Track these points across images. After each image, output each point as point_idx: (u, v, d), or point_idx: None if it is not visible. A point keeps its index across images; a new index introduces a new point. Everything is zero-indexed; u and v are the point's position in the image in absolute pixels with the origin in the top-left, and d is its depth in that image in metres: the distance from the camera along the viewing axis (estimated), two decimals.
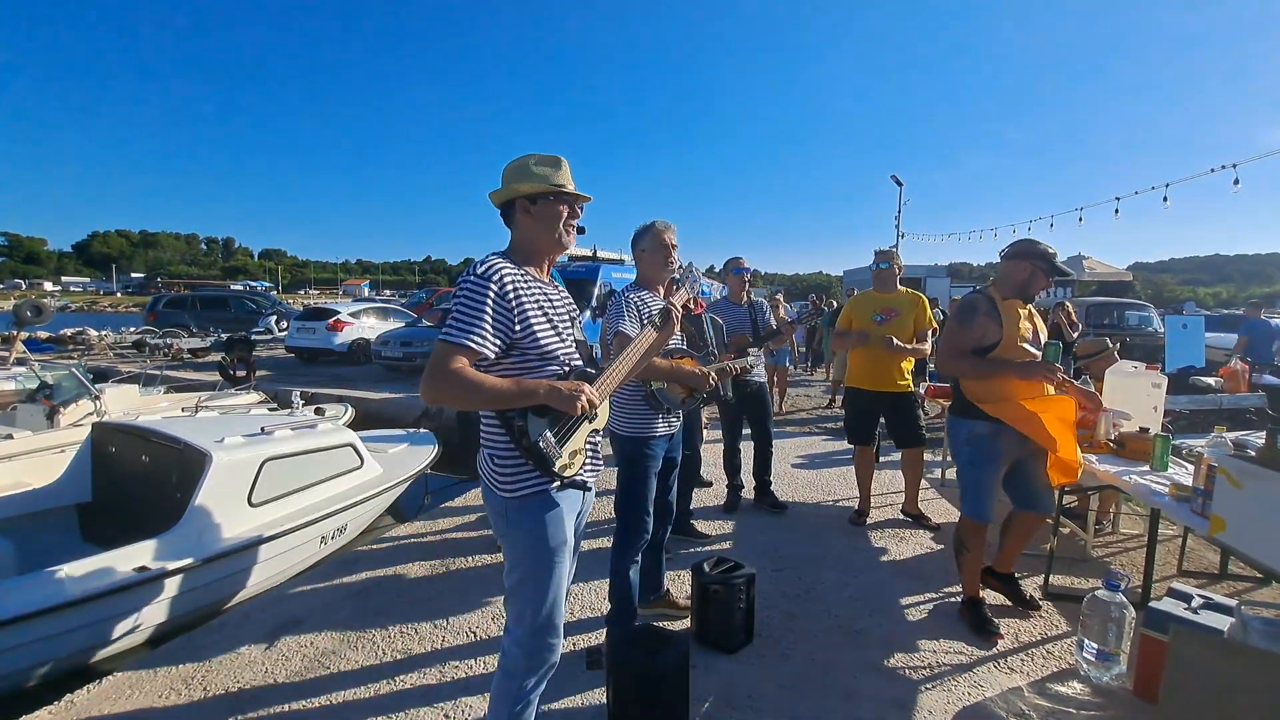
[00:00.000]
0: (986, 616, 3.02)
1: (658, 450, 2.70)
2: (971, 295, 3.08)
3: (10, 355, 8.02)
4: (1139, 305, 14.76)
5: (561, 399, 1.66)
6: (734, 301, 4.62)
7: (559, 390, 1.66)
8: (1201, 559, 3.93)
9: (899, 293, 4.34)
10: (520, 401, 1.65)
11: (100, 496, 4.51)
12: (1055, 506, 3.11)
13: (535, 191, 1.80)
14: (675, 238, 2.73)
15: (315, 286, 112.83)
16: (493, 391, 1.62)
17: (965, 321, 2.95)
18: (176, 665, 2.73)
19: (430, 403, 1.66)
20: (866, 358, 4.28)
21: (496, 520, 1.80)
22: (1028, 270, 2.91)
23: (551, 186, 1.80)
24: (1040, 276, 2.92)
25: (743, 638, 2.84)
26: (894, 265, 4.34)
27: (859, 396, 4.37)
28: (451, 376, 1.59)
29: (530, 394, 1.65)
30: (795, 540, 4.13)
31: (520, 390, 1.64)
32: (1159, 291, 66.22)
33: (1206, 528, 2.41)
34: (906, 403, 4.28)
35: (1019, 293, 2.95)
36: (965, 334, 2.93)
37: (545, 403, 1.66)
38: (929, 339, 4.30)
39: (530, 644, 1.79)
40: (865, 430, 4.39)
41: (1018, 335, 2.89)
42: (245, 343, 11.42)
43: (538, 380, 1.68)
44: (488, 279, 1.67)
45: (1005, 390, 2.89)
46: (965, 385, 3.03)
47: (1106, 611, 2.59)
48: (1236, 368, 7.52)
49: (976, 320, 2.92)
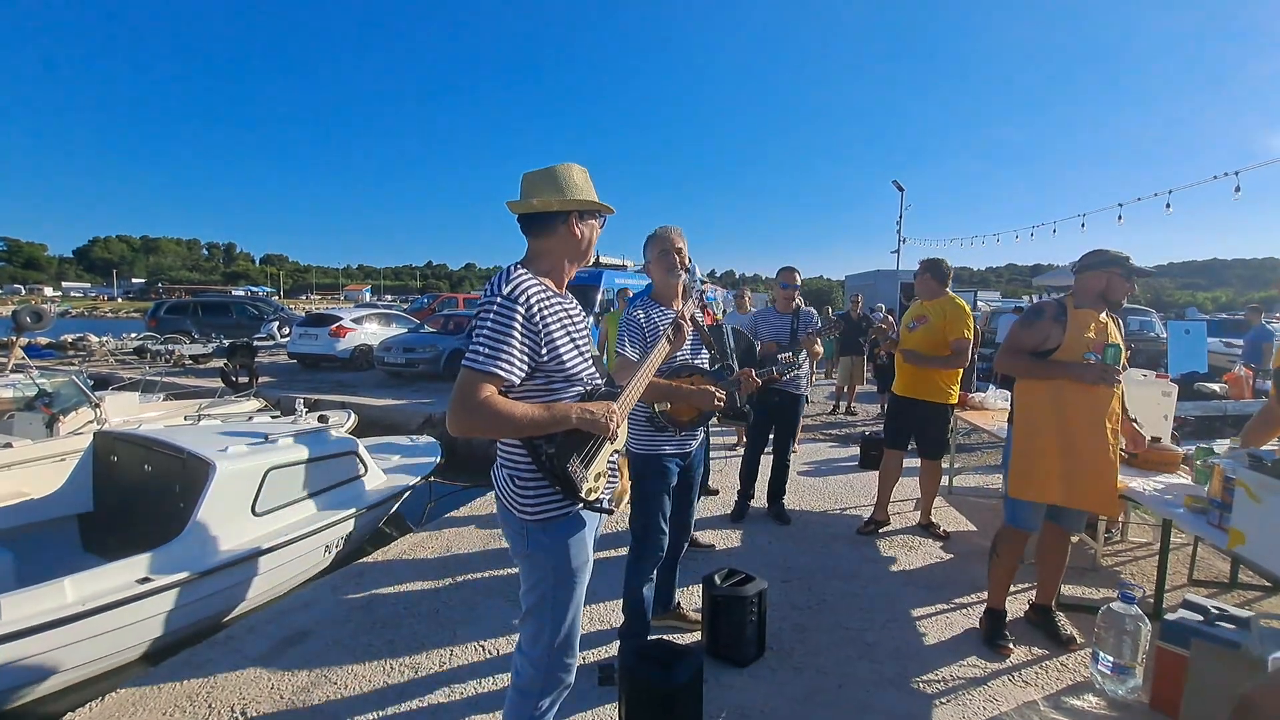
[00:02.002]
0: (1002, 632, 2.98)
1: (671, 467, 2.65)
2: (1044, 300, 3.03)
3: (9, 361, 7.98)
4: (1140, 310, 14.74)
5: (593, 423, 1.62)
6: (780, 310, 4.53)
7: (591, 413, 1.62)
8: (1211, 567, 3.90)
9: (939, 300, 4.21)
10: (554, 429, 1.59)
11: (102, 506, 4.47)
12: (1082, 527, 3.04)
13: (588, 208, 1.76)
14: (682, 241, 2.65)
15: (317, 291, 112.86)
16: (526, 420, 1.55)
17: (1029, 323, 2.93)
18: (180, 681, 2.70)
19: (458, 435, 1.56)
20: (905, 366, 4.25)
21: (516, 541, 1.74)
22: (1103, 279, 2.83)
23: (599, 204, 1.77)
24: (1118, 281, 2.80)
25: (755, 651, 2.80)
26: (929, 272, 4.23)
27: (898, 403, 4.34)
28: (482, 408, 1.51)
29: (563, 420, 1.59)
30: (804, 550, 4.10)
31: (553, 417, 1.58)
32: (1158, 296, 66.24)
33: (1225, 541, 2.38)
34: (941, 415, 4.25)
35: (1097, 302, 2.85)
36: (1027, 334, 2.91)
37: (577, 427, 1.61)
38: (967, 350, 4.12)
39: (547, 664, 1.75)
40: (903, 437, 4.36)
41: (1082, 343, 2.78)
42: (247, 349, 11.38)
43: (569, 404, 1.63)
44: (515, 300, 1.58)
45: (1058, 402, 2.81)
46: (1019, 398, 2.98)
47: (1122, 624, 2.56)
48: (1240, 374, 7.52)
49: (1040, 323, 2.88)
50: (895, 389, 4.39)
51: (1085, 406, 2.77)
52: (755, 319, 4.63)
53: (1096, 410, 2.78)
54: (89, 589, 3.15)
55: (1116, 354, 2.72)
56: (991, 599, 3.08)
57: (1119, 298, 2.83)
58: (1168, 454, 3.33)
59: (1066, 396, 2.79)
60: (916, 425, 4.28)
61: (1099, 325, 2.82)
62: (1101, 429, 2.77)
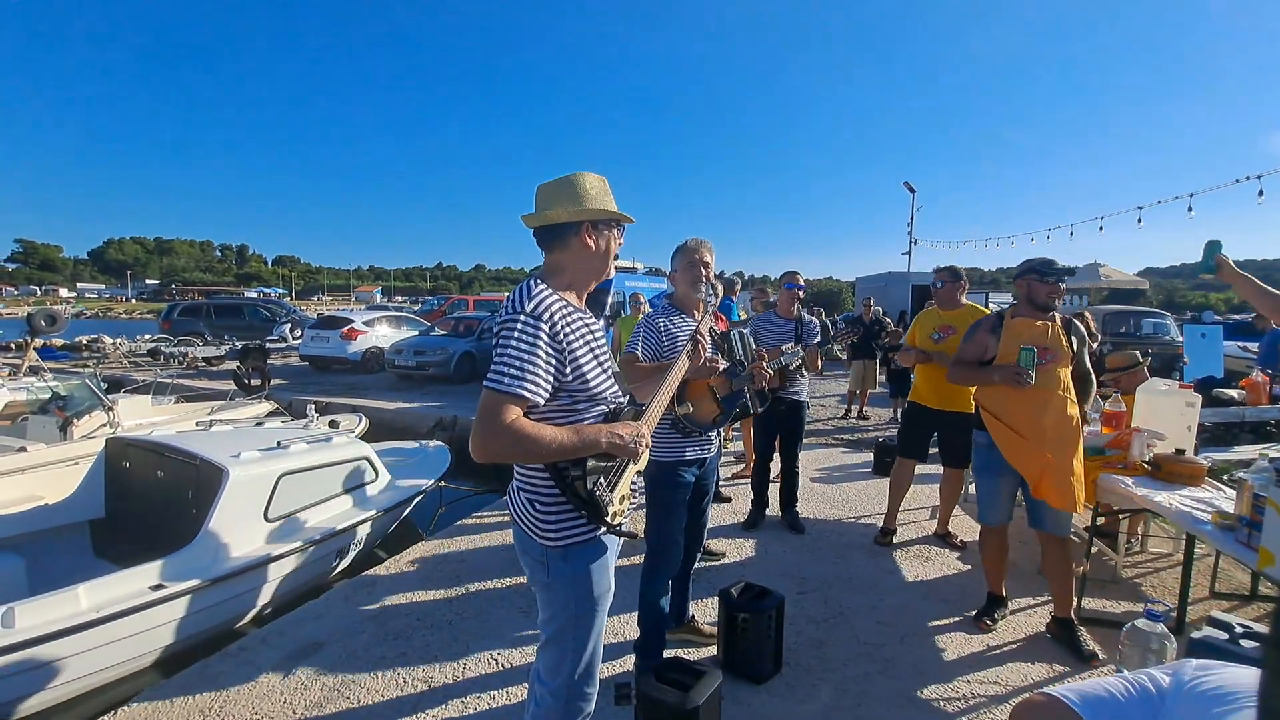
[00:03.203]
0: (991, 612, 3.23)
1: (688, 476, 2.62)
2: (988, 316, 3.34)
3: (23, 364, 8.05)
4: (1156, 314, 14.54)
5: (623, 447, 1.56)
6: (782, 315, 4.48)
7: (621, 437, 1.56)
8: (1232, 579, 3.83)
9: (961, 309, 4.18)
10: (583, 452, 1.53)
11: (114, 512, 4.49)
12: (1067, 528, 3.04)
13: (601, 217, 1.68)
14: (710, 255, 2.61)
15: (328, 293, 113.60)
16: (554, 445, 1.48)
17: (969, 336, 3.29)
18: (193, 695, 2.68)
19: (483, 460, 1.49)
20: (931, 376, 4.18)
21: (535, 568, 1.67)
22: (1024, 286, 3.11)
23: (614, 213, 1.70)
24: (1037, 284, 3.04)
25: (771, 667, 2.76)
26: (951, 283, 4.19)
27: (921, 413, 4.27)
28: (508, 432, 1.45)
29: (593, 445, 1.53)
30: (819, 561, 4.05)
31: (582, 441, 1.52)
32: (1171, 297, 65.46)
33: (1255, 560, 2.32)
34: (966, 424, 4.19)
35: (1030, 308, 3.10)
36: (968, 346, 3.27)
37: (607, 451, 1.56)
38: None
39: (568, 695, 1.69)
40: (919, 447, 4.31)
41: (1014, 350, 2.98)
42: (260, 351, 11.46)
43: (598, 427, 1.58)
44: (539, 319, 1.52)
45: (1004, 404, 3.07)
46: (979, 396, 3.27)
47: (1147, 643, 2.49)
48: (1258, 379, 7.39)
49: (977, 335, 3.23)
50: (924, 400, 4.27)
51: (1022, 406, 2.98)
52: (756, 324, 4.55)
53: (1033, 409, 2.96)
54: (102, 596, 3.15)
55: (1028, 357, 2.88)
56: (991, 586, 3.34)
57: (1043, 299, 3.05)
58: (1192, 466, 3.25)
59: (1002, 400, 3.06)
60: (945, 435, 4.21)
61: (1038, 330, 3.03)
62: (1040, 426, 2.94)
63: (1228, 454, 4.41)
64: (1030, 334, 3.02)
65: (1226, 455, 4.30)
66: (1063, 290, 3.06)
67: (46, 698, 3.05)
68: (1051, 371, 2.96)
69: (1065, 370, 3.00)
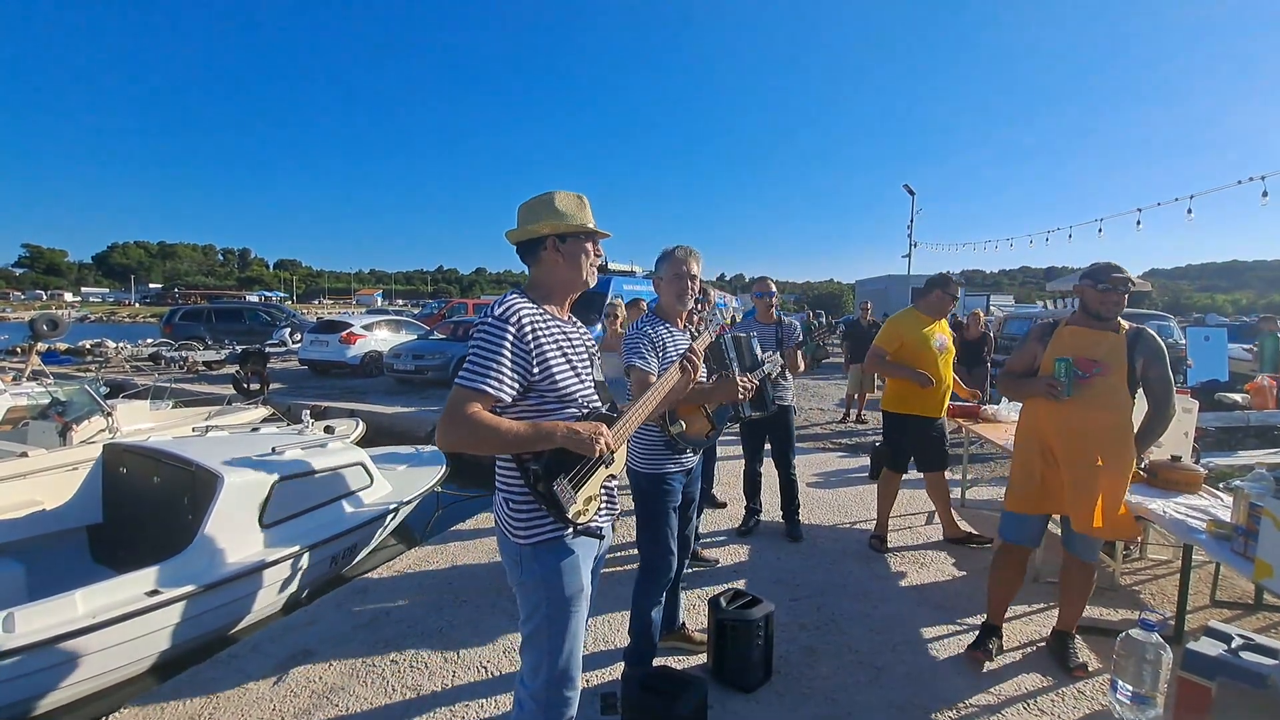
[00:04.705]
0: (984, 643, 2.96)
1: (676, 485, 2.61)
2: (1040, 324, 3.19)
3: (26, 369, 8.08)
4: (1158, 316, 14.47)
5: (579, 442, 1.61)
6: (762, 321, 4.56)
7: (577, 433, 1.61)
8: (1234, 587, 3.79)
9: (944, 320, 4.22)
10: (538, 445, 1.61)
11: (111, 518, 4.50)
12: (1094, 554, 2.89)
13: (566, 231, 1.76)
14: (698, 267, 2.56)
15: (329, 296, 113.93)
16: (509, 436, 1.58)
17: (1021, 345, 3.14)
18: (184, 700, 2.69)
19: (446, 449, 1.62)
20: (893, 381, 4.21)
21: (511, 567, 1.74)
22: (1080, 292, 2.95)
23: (579, 226, 1.77)
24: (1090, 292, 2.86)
25: (761, 675, 2.74)
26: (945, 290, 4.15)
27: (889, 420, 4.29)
28: (467, 422, 1.55)
29: (548, 437, 1.60)
30: (813, 567, 4.04)
31: (537, 434, 1.60)
32: (1176, 299, 65.24)
33: (1251, 571, 2.29)
34: (931, 427, 4.20)
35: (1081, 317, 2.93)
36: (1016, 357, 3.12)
37: (563, 446, 1.61)
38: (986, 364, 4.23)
39: (547, 698, 1.72)
40: (897, 458, 4.31)
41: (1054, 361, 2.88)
42: (259, 355, 11.50)
43: (555, 423, 1.64)
44: (505, 320, 1.63)
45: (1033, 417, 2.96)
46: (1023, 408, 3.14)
47: (1142, 653, 2.47)
48: (1264, 383, 7.34)
49: (1028, 345, 3.07)
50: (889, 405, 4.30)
51: (1058, 421, 2.79)
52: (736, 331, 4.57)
53: (1069, 424, 2.76)
54: (99, 602, 3.16)
55: (1064, 368, 2.73)
56: (989, 614, 3.06)
57: (1096, 308, 2.84)
58: (1188, 474, 3.23)
59: (1039, 413, 2.88)
60: (913, 441, 4.22)
61: (1087, 340, 2.81)
62: (1079, 444, 2.73)
63: (1230, 459, 4.38)
64: (1077, 344, 2.80)
65: (1229, 460, 4.28)
66: (1122, 300, 2.81)
67: (44, 702, 3.06)
68: (1096, 386, 2.72)
69: (1119, 386, 2.73)
